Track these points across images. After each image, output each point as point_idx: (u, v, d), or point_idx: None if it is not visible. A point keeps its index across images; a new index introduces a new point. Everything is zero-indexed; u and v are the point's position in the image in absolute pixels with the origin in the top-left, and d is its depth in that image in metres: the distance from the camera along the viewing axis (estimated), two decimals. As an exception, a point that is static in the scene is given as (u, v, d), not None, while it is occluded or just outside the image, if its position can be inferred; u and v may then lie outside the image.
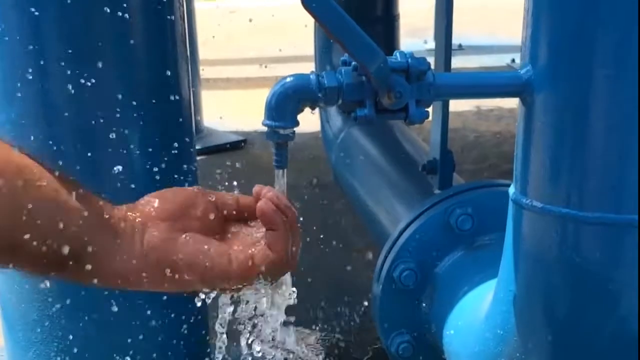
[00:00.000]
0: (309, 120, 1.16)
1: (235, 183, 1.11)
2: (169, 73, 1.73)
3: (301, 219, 1.01)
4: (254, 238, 0.95)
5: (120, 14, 1.63)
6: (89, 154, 1.70)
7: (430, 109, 1.15)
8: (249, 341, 1.12)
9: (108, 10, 1.61)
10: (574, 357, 1.17)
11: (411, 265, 1.71)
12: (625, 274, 1.08)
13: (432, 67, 1.12)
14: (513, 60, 5.74)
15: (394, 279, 1.72)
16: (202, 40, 4.89)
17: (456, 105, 1.79)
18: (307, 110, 1.10)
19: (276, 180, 1.09)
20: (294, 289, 1.06)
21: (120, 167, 1.64)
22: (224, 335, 1.10)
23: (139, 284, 0.91)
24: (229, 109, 5.02)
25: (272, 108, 1.07)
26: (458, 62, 1.68)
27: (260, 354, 1.20)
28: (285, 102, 1.07)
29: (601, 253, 1.09)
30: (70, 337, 1.83)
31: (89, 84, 1.62)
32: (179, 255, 0.90)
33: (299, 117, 1.09)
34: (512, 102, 4.91)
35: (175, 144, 1.82)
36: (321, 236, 3.30)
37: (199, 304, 1.07)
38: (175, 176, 1.82)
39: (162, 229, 0.91)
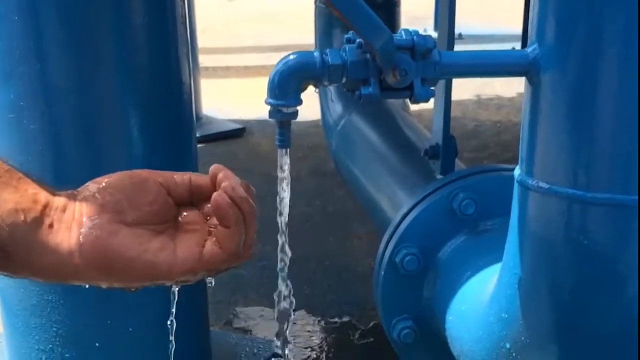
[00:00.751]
0: (308, 108, 1.14)
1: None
2: (169, 55, 1.71)
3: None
4: (205, 229, 0.88)
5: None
6: (88, 137, 1.68)
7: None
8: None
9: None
10: (580, 341, 1.16)
11: (413, 250, 1.70)
12: (634, 256, 1.06)
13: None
14: (513, 49, 5.72)
15: (396, 264, 1.71)
16: (200, 28, 4.87)
17: (456, 94, 1.78)
18: (305, 98, 1.08)
19: (279, 160, 1.07)
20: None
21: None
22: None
23: (76, 279, 0.86)
24: (228, 98, 5.01)
25: (275, 86, 1.05)
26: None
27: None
28: (289, 80, 1.05)
29: (609, 235, 1.07)
30: (69, 322, 1.82)
31: (88, 65, 1.61)
32: (118, 254, 0.84)
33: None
34: (512, 91, 4.92)
35: (176, 128, 1.81)
36: (322, 224, 3.30)
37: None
38: (175, 161, 1.80)
39: (104, 221, 0.84)
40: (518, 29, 5.39)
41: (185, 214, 0.89)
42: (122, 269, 0.84)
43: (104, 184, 0.87)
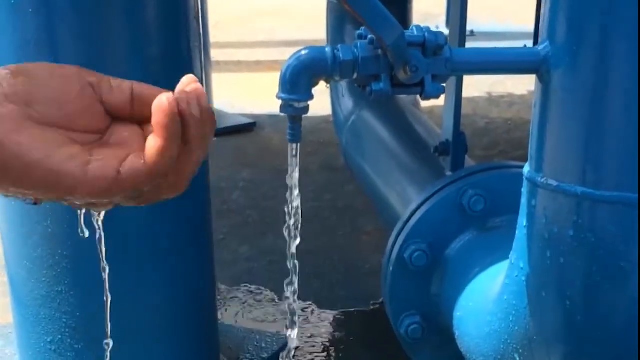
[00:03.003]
0: (319, 104, 1.14)
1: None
2: (181, 49, 1.72)
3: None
4: (135, 147, 0.72)
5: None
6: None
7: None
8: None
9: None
10: (588, 338, 1.16)
11: (422, 247, 1.70)
12: (641, 254, 1.07)
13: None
14: (525, 47, 5.70)
15: (404, 260, 1.71)
16: (213, 23, 4.87)
17: (467, 91, 1.78)
18: (317, 94, 1.08)
19: (289, 155, 1.07)
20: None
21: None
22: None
23: None
24: (240, 92, 5.02)
25: (286, 81, 1.05)
26: (470, 48, 1.71)
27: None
28: (300, 75, 1.05)
29: (617, 233, 1.07)
30: (78, 314, 1.83)
31: (100, 58, 1.61)
32: (15, 154, 0.67)
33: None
34: (523, 89, 4.91)
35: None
36: (331, 219, 3.30)
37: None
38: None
39: (8, 115, 0.68)
40: (530, 27, 5.36)
41: (122, 130, 0.73)
42: (18, 174, 0.68)
43: (16, 74, 0.70)
